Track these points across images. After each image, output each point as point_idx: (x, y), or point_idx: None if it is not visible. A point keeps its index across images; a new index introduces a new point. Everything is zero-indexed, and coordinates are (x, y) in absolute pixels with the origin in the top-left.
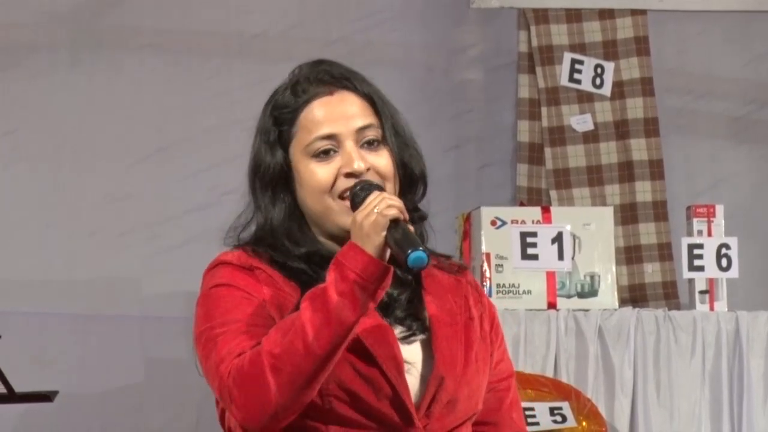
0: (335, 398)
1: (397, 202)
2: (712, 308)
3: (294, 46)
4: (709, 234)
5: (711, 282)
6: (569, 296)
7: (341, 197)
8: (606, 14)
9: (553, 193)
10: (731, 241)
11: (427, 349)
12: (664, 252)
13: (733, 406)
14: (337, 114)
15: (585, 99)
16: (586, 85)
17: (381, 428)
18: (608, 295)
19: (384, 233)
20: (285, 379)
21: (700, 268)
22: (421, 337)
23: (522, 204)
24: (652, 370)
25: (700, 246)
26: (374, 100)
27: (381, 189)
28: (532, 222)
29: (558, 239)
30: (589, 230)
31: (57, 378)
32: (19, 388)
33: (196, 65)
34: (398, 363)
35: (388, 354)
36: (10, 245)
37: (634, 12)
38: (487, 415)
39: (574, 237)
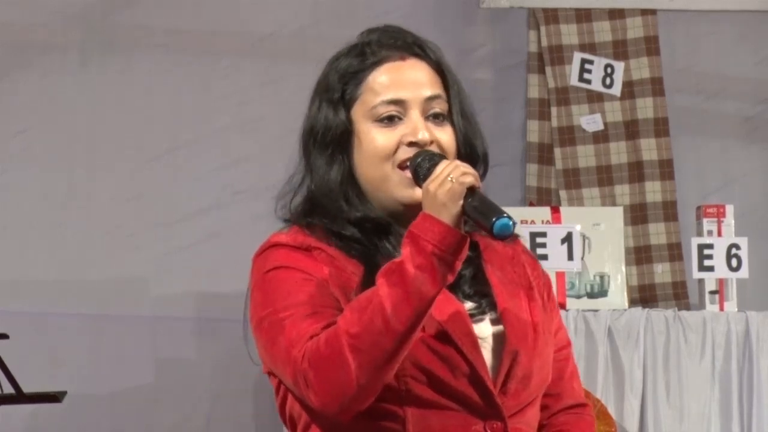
0: (412, 379)
1: (472, 169)
2: (721, 308)
3: (305, 46)
4: (719, 234)
5: (721, 282)
6: (579, 296)
7: (400, 167)
8: (616, 14)
9: (563, 193)
10: (741, 241)
11: (497, 323)
12: (674, 252)
13: (742, 406)
14: (406, 80)
15: (595, 99)
16: (596, 85)
17: (460, 408)
18: (618, 295)
19: (461, 202)
20: (366, 358)
21: (710, 269)
22: (490, 313)
23: (532, 204)
24: (661, 370)
25: (710, 246)
26: (444, 73)
27: (446, 159)
28: (542, 222)
29: (568, 239)
30: (599, 230)
31: (67, 378)
32: (29, 387)
33: (208, 65)
34: (473, 339)
35: (463, 331)
36: (20, 245)
37: (644, 12)
38: (549, 386)
39: (583, 237)
